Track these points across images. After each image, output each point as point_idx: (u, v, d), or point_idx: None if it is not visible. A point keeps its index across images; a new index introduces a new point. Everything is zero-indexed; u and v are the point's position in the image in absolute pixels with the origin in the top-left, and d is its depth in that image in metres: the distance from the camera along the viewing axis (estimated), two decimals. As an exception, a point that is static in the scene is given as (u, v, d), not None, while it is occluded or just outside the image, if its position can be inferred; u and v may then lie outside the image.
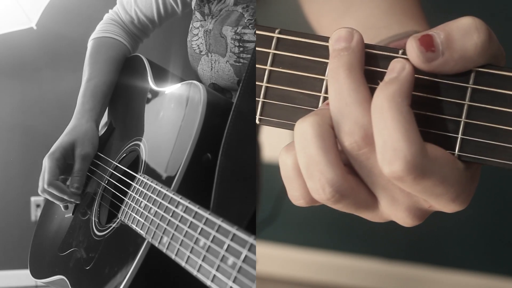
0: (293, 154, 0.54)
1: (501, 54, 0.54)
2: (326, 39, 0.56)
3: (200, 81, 1.03)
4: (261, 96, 0.57)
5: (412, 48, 0.52)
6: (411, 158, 0.49)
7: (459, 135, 0.53)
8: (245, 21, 1.00)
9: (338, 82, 0.52)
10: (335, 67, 0.53)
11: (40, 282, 1.14)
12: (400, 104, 0.50)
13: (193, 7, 1.08)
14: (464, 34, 0.51)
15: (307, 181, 0.53)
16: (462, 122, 0.53)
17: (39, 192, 1.10)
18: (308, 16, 0.90)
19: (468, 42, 0.51)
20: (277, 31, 0.57)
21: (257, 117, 0.58)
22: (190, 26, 1.08)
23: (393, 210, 0.55)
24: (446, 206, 0.54)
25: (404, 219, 0.55)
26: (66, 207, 1.13)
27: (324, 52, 0.56)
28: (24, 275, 2.33)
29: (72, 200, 1.09)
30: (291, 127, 0.57)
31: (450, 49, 0.51)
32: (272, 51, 0.57)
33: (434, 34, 0.52)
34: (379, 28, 0.73)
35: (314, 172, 0.53)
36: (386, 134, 0.50)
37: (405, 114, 0.50)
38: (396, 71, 0.52)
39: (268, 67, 0.57)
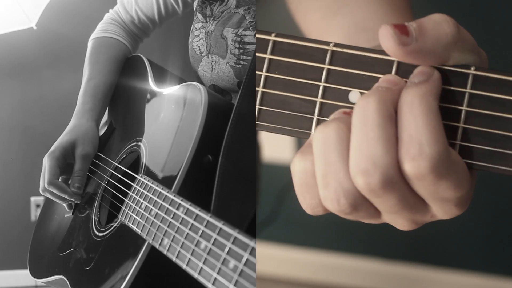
0: (310, 160, 0.53)
1: (481, 54, 0.55)
2: (323, 42, 0.56)
3: (200, 82, 1.03)
4: (258, 101, 0.57)
5: (386, 30, 0.52)
6: (436, 156, 0.49)
7: (458, 141, 0.52)
8: (247, 23, 1.00)
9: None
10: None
11: (39, 282, 1.14)
12: (431, 103, 0.50)
13: (194, 8, 1.08)
14: (435, 24, 0.52)
15: (322, 189, 0.52)
16: (460, 128, 0.52)
17: (40, 191, 1.09)
18: (294, 13, 0.89)
19: (440, 31, 0.52)
20: (273, 34, 0.57)
21: None
22: (192, 27, 1.08)
23: (393, 219, 0.55)
24: (448, 211, 0.54)
25: (404, 226, 0.56)
26: (70, 206, 1.13)
27: (321, 56, 0.56)
28: (24, 275, 2.32)
29: (72, 199, 1.08)
30: (287, 133, 0.56)
31: (423, 36, 0.52)
32: (268, 56, 0.57)
33: (407, 23, 0.53)
34: (376, 32, 0.73)
35: (331, 181, 0.52)
36: (413, 129, 0.50)
37: (434, 113, 0.50)
38: (426, 75, 0.52)
39: (264, 73, 0.57)
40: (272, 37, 0.57)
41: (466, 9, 1.98)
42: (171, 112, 0.98)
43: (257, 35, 0.57)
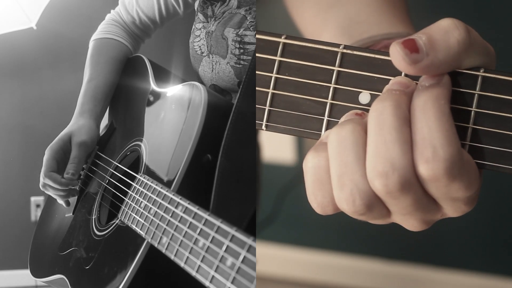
0: (324, 156, 0.53)
1: (491, 53, 0.55)
2: (333, 45, 0.57)
3: (201, 82, 1.03)
4: (268, 102, 0.57)
5: (397, 52, 0.52)
6: (450, 158, 0.50)
7: (467, 142, 0.53)
8: (247, 23, 1.00)
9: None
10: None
11: (40, 281, 1.14)
12: (443, 106, 0.51)
13: (196, 9, 1.08)
14: (444, 33, 0.52)
15: (337, 190, 0.53)
16: (469, 129, 0.53)
17: (40, 187, 1.10)
18: (290, 11, 0.89)
19: (451, 40, 0.52)
20: (283, 36, 0.57)
21: (264, 123, 0.58)
22: (193, 27, 1.08)
23: (404, 221, 0.55)
24: (458, 210, 0.54)
25: (415, 227, 0.56)
26: (67, 203, 1.13)
27: (331, 58, 0.56)
28: (24, 275, 2.33)
29: (67, 188, 1.08)
30: (298, 133, 0.57)
31: (433, 49, 0.52)
32: (278, 58, 0.57)
33: (416, 37, 0.52)
34: (370, 24, 0.73)
35: (347, 182, 0.52)
36: (426, 132, 0.50)
37: (447, 116, 0.50)
38: (436, 78, 0.52)
39: (274, 75, 0.57)
40: (283, 39, 0.57)
41: (472, 5, 1.97)
42: (172, 112, 0.98)
43: (268, 37, 0.57)
